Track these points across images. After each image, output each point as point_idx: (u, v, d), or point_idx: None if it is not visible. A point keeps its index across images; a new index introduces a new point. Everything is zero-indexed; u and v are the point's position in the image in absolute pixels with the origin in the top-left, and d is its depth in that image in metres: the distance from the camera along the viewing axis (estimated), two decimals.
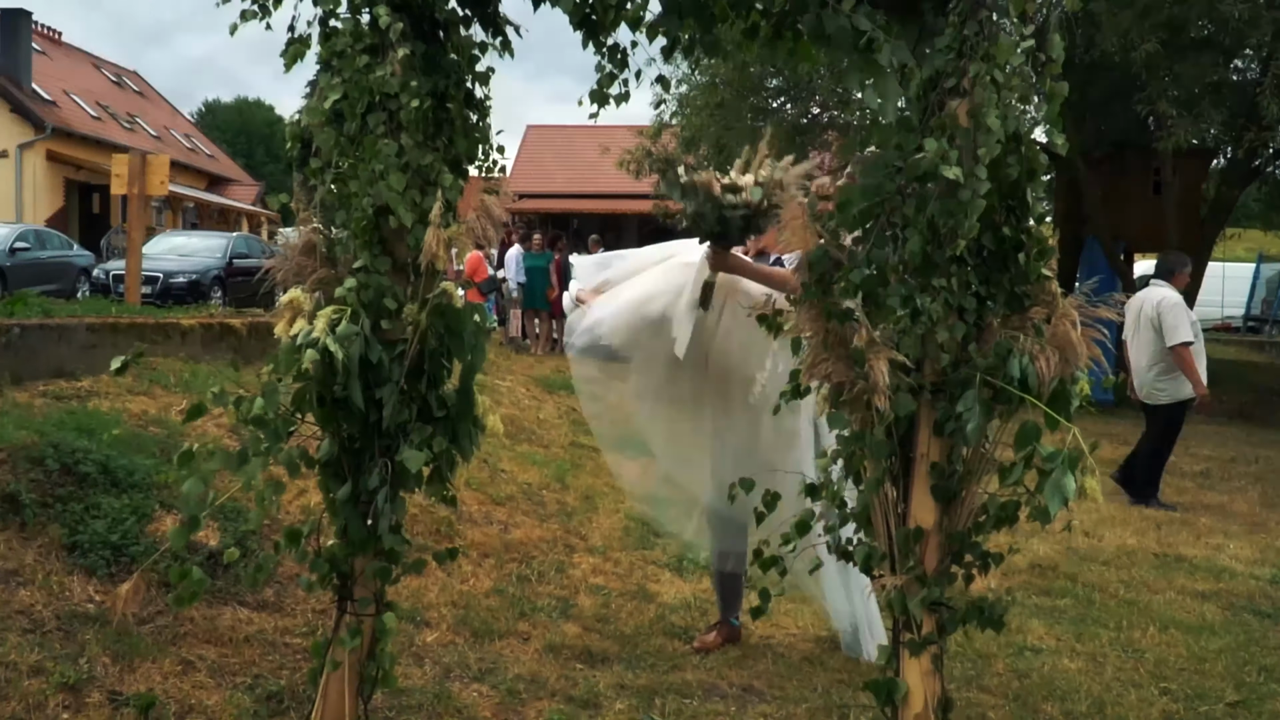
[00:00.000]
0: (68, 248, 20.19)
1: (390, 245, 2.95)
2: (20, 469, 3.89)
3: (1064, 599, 5.52)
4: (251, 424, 2.82)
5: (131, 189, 12.21)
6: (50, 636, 3.31)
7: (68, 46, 35.49)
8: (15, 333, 5.22)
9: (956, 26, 2.71)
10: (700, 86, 17.56)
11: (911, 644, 2.80)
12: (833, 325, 2.77)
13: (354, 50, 2.92)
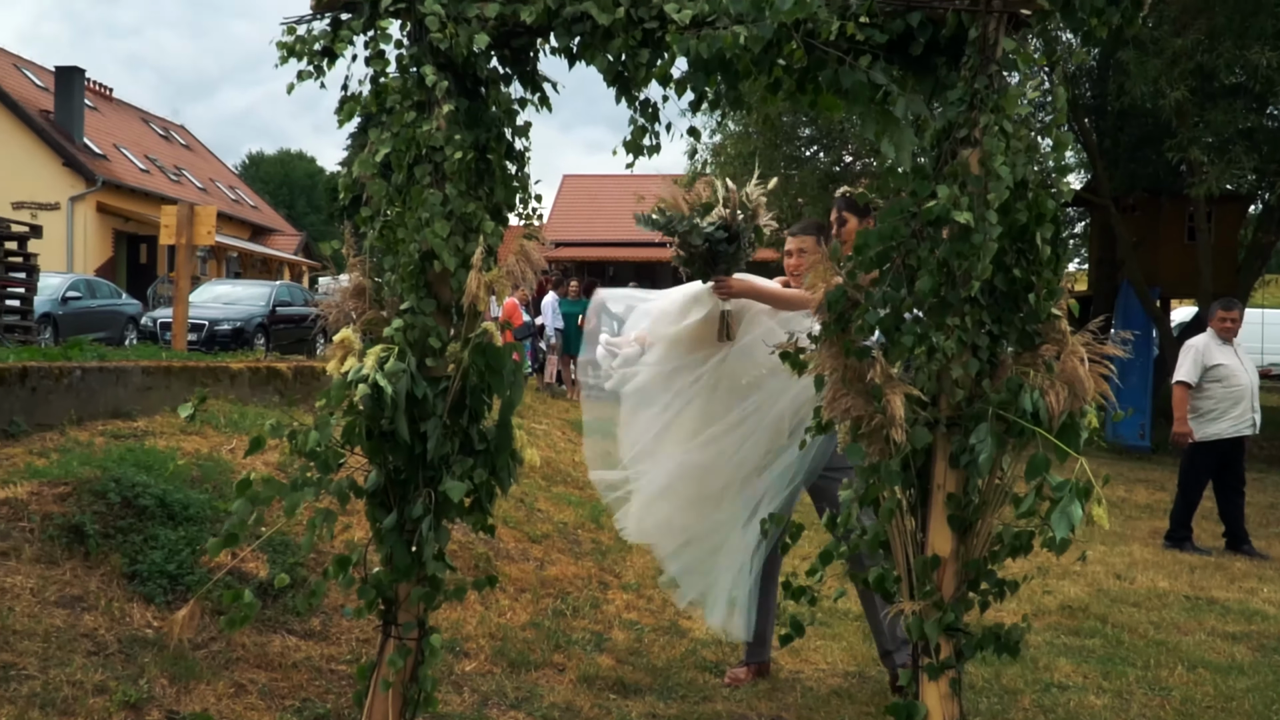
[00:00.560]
0: (116, 296, 20.73)
1: (435, 288, 3.15)
2: (84, 502, 4.11)
3: (1093, 639, 5.57)
4: (305, 455, 3.00)
5: (179, 239, 12.60)
6: (112, 658, 3.49)
7: (118, 102, 36.53)
8: (76, 375, 5.47)
9: (968, 81, 2.89)
10: (733, 136, 17.86)
11: (930, 668, 2.92)
12: (851, 362, 2.93)
13: (402, 106, 3.14)
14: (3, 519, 3.91)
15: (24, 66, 31.88)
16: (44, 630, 3.47)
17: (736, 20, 2.92)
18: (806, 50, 2.92)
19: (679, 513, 4.15)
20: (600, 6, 2.98)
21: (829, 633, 5.43)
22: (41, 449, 4.80)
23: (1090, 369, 2.80)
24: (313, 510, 3.13)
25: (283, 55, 3.26)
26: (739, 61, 2.95)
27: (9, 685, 3.17)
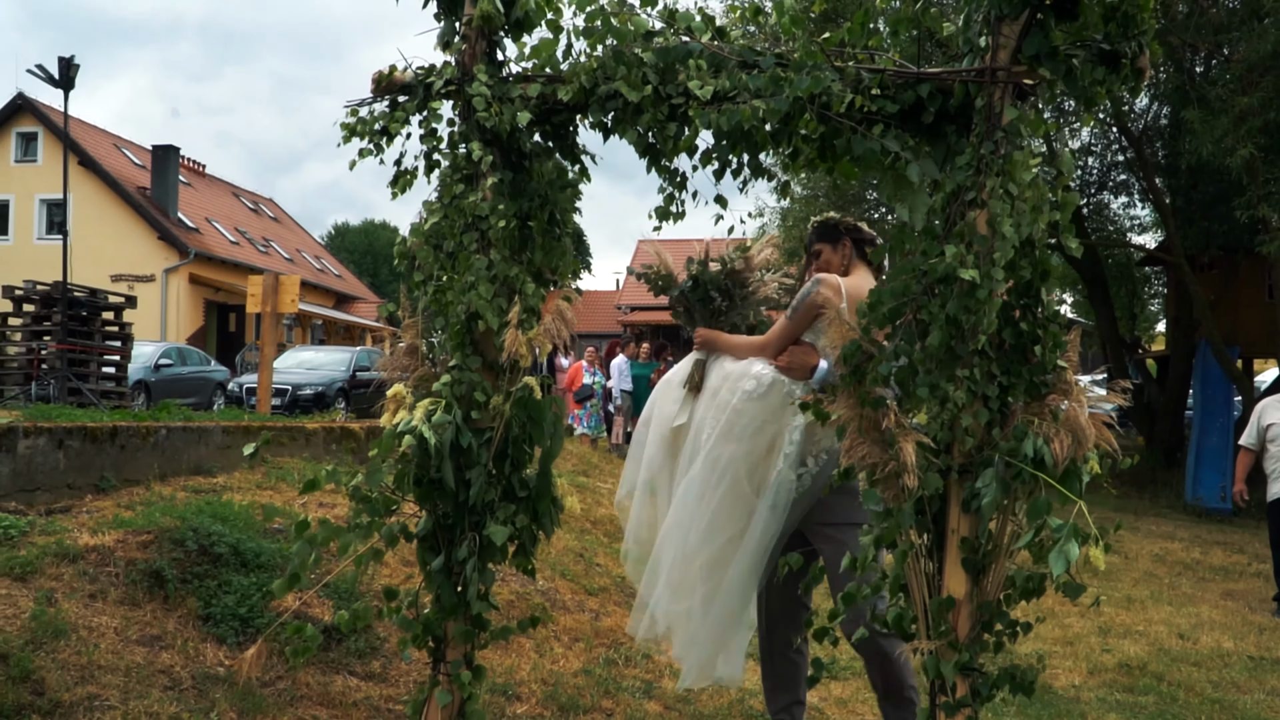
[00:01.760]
0: (206, 364, 21.56)
1: (480, 346, 3.40)
2: (165, 549, 4.41)
3: (1147, 695, 5.55)
4: (357, 500, 3.25)
5: (265, 307, 13.19)
6: (186, 693, 3.76)
7: (210, 177, 38.15)
8: (162, 434, 5.84)
9: (975, 146, 3.08)
10: (801, 199, 18.12)
11: (946, 706, 3.04)
12: (866, 411, 3.09)
13: (452, 179, 3.42)
14: (92, 564, 4.22)
15: (123, 146, 33.54)
16: (125, 665, 3.75)
17: (756, 95, 3.15)
18: (821, 121, 3.15)
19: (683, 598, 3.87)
20: (630, 85, 3.23)
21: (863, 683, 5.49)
22: (129, 502, 5.15)
23: (1092, 417, 2.93)
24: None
25: (345, 135, 3.58)
26: (757, 133, 3.18)
27: (94, 714, 3.44)
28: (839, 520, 3.74)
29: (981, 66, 3.09)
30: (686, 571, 3.73)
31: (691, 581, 3.73)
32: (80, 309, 12.72)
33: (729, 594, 3.73)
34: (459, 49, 3.49)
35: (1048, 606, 7.56)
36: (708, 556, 3.70)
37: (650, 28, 3.30)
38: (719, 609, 3.74)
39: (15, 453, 4.88)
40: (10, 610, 3.75)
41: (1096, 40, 3.07)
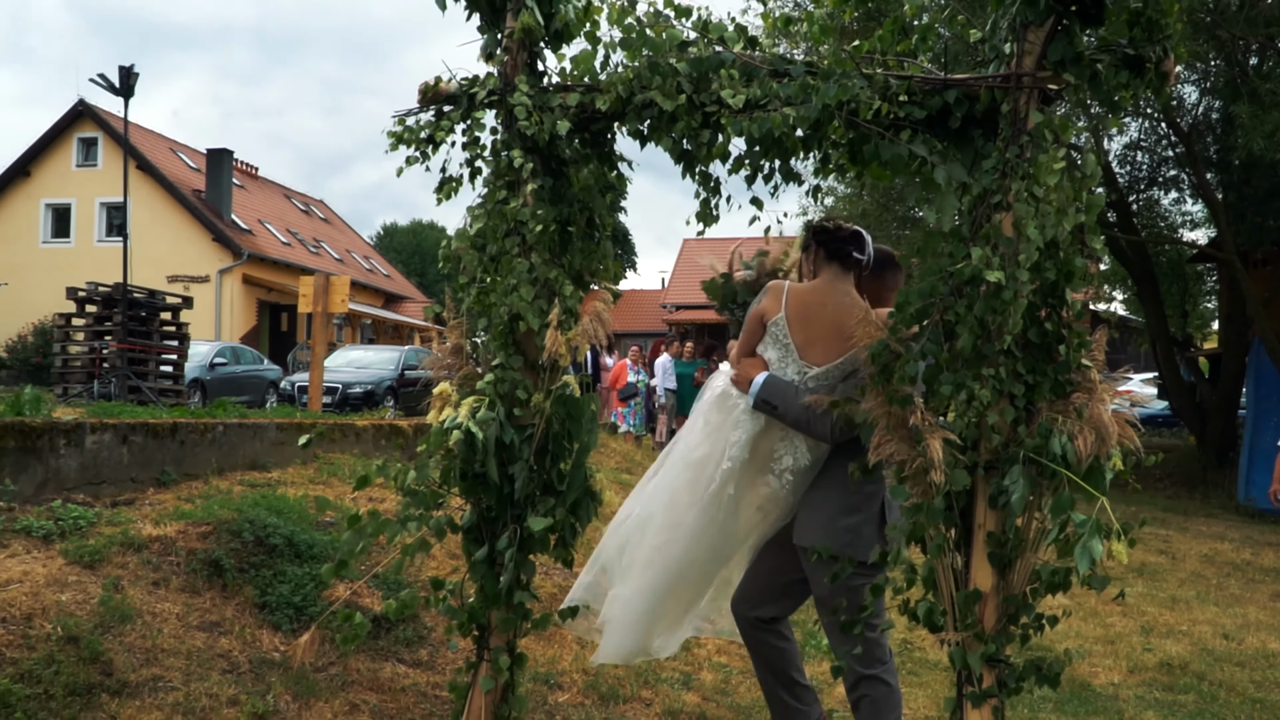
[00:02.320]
0: (259, 363, 22.00)
1: (522, 346, 3.54)
2: (223, 540, 4.61)
3: (1187, 694, 5.57)
4: (405, 493, 3.41)
5: (315, 307, 13.46)
6: (244, 677, 3.94)
7: (263, 180, 38.80)
8: (219, 430, 6.06)
9: (1001, 150, 3.16)
10: (844, 198, 18.12)
11: (973, 696, 3.13)
12: (894, 409, 3.19)
13: (494, 185, 3.57)
14: (155, 554, 4.42)
15: (178, 149, 34.22)
16: (187, 650, 3.94)
17: (786, 103, 3.26)
18: (850, 127, 3.25)
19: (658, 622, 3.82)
20: (665, 94, 3.36)
21: (915, 680, 5.58)
22: (188, 495, 5.36)
23: (1115, 415, 3.00)
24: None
25: (392, 143, 3.73)
26: (788, 140, 3.29)
27: (157, 695, 3.63)
28: (817, 544, 3.52)
29: (1007, 72, 3.18)
30: (634, 556, 3.70)
31: (632, 566, 3.71)
32: (140, 310, 13.08)
33: (653, 587, 3.66)
34: (501, 60, 3.63)
35: (1090, 606, 7.58)
36: (653, 544, 3.65)
37: (684, 38, 3.42)
38: (643, 598, 3.67)
39: (83, 447, 5.10)
40: (80, 596, 3.95)
41: (1121, 45, 3.14)
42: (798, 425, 3.52)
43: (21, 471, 4.79)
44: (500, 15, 3.64)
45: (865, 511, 3.54)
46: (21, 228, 30.89)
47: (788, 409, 3.50)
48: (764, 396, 3.52)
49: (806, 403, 3.47)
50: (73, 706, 3.43)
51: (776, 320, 3.60)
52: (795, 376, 3.58)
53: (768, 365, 3.62)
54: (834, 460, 3.59)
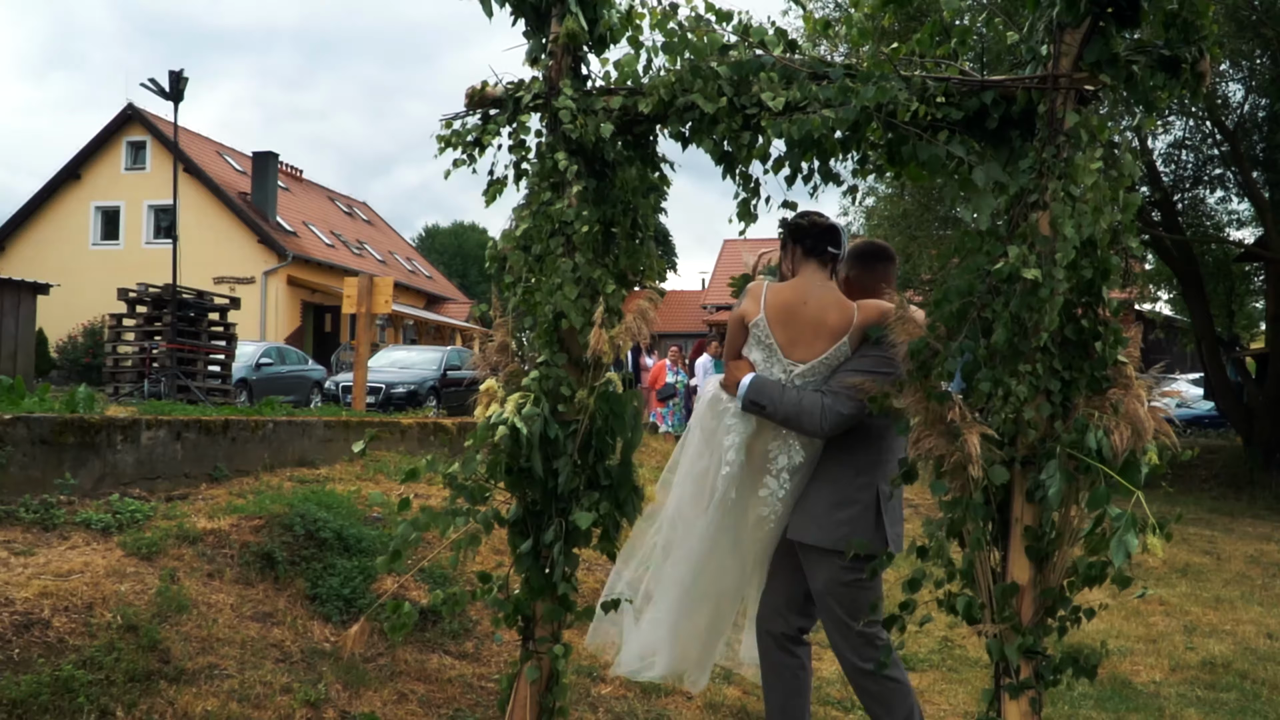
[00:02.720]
0: (303, 363, 22.30)
1: (566, 344, 3.62)
2: (275, 533, 4.74)
3: (1228, 692, 5.56)
4: (453, 487, 3.50)
5: (359, 308, 13.64)
6: (296, 665, 4.06)
7: (307, 182, 39.27)
8: (269, 428, 6.21)
9: (1038, 150, 3.21)
10: (885, 198, 18.07)
11: (1010, 687, 3.17)
12: (932, 405, 3.24)
13: (540, 187, 3.65)
14: (209, 546, 4.56)
15: (225, 153, 34.73)
16: (241, 639, 4.07)
17: (825, 105, 3.32)
18: (888, 129, 3.30)
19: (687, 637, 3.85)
20: (706, 97, 3.43)
21: (955, 677, 5.61)
22: (240, 490, 5.50)
23: (1150, 410, 3.03)
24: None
25: (441, 146, 3.82)
26: (827, 141, 3.35)
27: (213, 682, 3.75)
28: (811, 541, 3.58)
29: (1044, 73, 3.22)
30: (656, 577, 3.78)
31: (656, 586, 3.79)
32: (188, 310, 13.34)
33: (663, 594, 3.74)
34: (546, 65, 3.71)
35: (1132, 605, 7.55)
36: (670, 562, 3.74)
37: (725, 43, 3.49)
38: (655, 607, 3.76)
39: (139, 443, 5.25)
40: (139, 586, 4.09)
41: (1157, 46, 3.17)
42: (787, 423, 3.53)
43: (81, 466, 4.95)
44: (545, 21, 3.73)
45: (859, 504, 3.55)
46: (72, 230, 31.49)
47: (776, 407, 3.51)
48: (751, 397, 3.54)
49: (852, 384, 3.47)
50: (132, 692, 3.55)
51: (757, 321, 3.62)
52: (781, 375, 3.59)
53: (754, 367, 3.63)
54: (826, 455, 3.63)
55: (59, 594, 3.82)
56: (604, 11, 3.71)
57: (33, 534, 4.37)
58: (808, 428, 3.51)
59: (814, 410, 3.47)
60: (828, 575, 3.56)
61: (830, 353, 3.58)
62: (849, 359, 3.58)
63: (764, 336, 3.62)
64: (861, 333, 3.57)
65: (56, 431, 4.84)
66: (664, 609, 3.76)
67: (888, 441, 3.62)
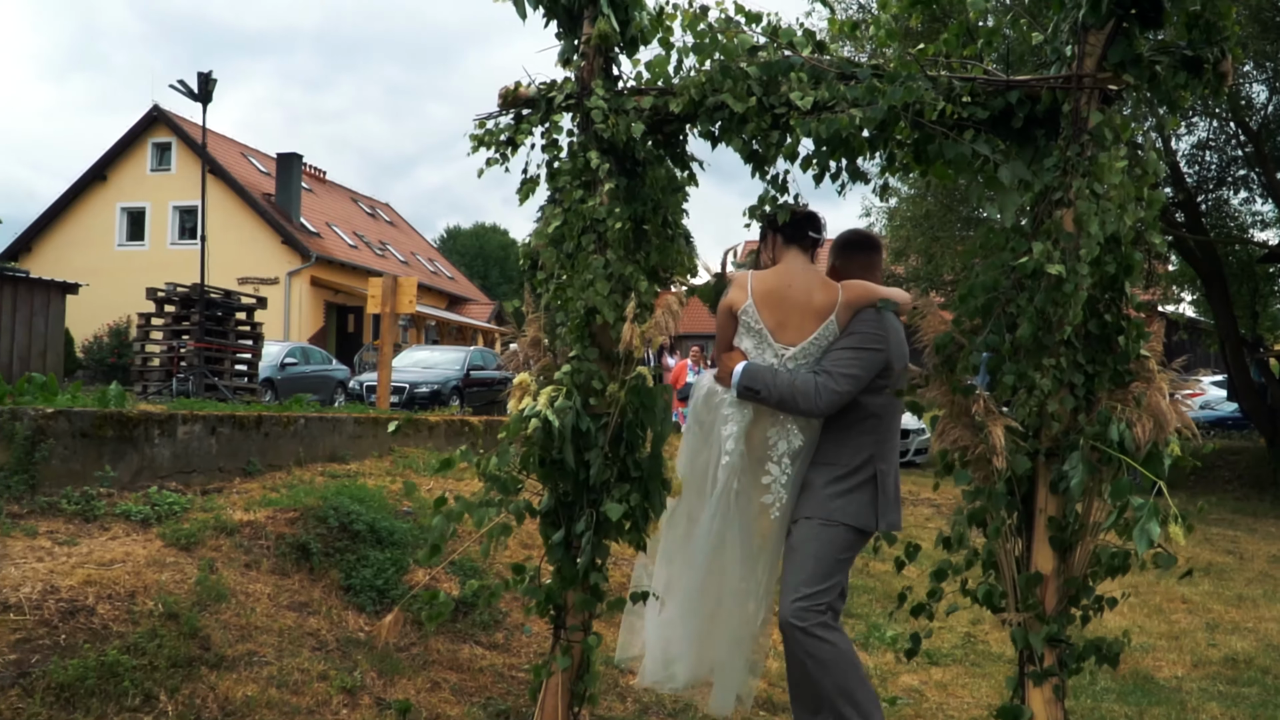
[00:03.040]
0: (327, 362, 22.49)
1: (598, 339, 3.70)
2: (310, 525, 4.84)
3: (1250, 687, 5.59)
4: (487, 479, 3.59)
5: (384, 308, 13.77)
6: (332, 654, 4.15)
7: (330, 183, 39.52)
8: (300, 423, 6.31)
9: (1062, 149, 3.27)
10: (907, 199, 18.08)
11: (1034, 675, 3.23)
12: (957, 398, 3.30)
13: (572, 185, 3.73)
14: (246, 538, 4.66)
15: (249, 154, 35.00)
16: (279, 628, 4.16)
17: (853, 105, 3.39)
18: (915, 128, 3.37)
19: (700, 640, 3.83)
20: (736, 97, 3.50)
21: (979, 671, 5.66)
22: (272, 484, 5.61)
23: (1172, 403, 3.09)
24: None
25: (474, 145, 3.91)
26: (855, 140, 3.42)
27: (253, 668, 3.85)
28: (806, 515, 3.60)
29: (1068, 74, 3.28)
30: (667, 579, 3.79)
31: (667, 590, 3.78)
32: (216, 310, 13.50)
33: (672, 595, 3.74)
34: (578, 66, 3.79)
35: (1155, 603, 7.59)
36: (678, 564, 3.76)
37: (754, 43, 3.56)
38: (670, 607, 3.75)
39: (175, 437, 5.37)
40: (178, 576, 4.19)
41: (1180, 47, 3.23)
42: (783, 405, 3.53)
43: (119, 459, 5.06)
44: (577, 23, 3.81)
45: (856, 483, 3.56)
46: (98, 231, 31.82)
47: (770, 391, 3.51)
48: (745, 383, 3.55)
49: (845, 358, 3.49)
50: (175, 677, 3.65)
51: (745, 308, 3.64)
52: (774, 360, 3.61)
53: (746, 355, 3.65)
54: (824, 438, 3.64)
55: (102, 582, 3.92)
56: (635, 13, 3.78)
57: (74, 525, 4.48)
58: (803, 407, 3.51)
59: (808, 390, 3.48)
60: (808, 535, 3.54)
61: (819, 332, 3.60)
62: (838, 337, 3.60)
63: (753, 322, 3.63)
64: (849, 310, 3.59)
65: (96, 425, 4.96)
66: (675, 609, 3.76)
67: (886, 422, 3.65)
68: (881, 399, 3.59)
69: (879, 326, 3.54)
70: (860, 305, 3.59)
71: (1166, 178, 15.03)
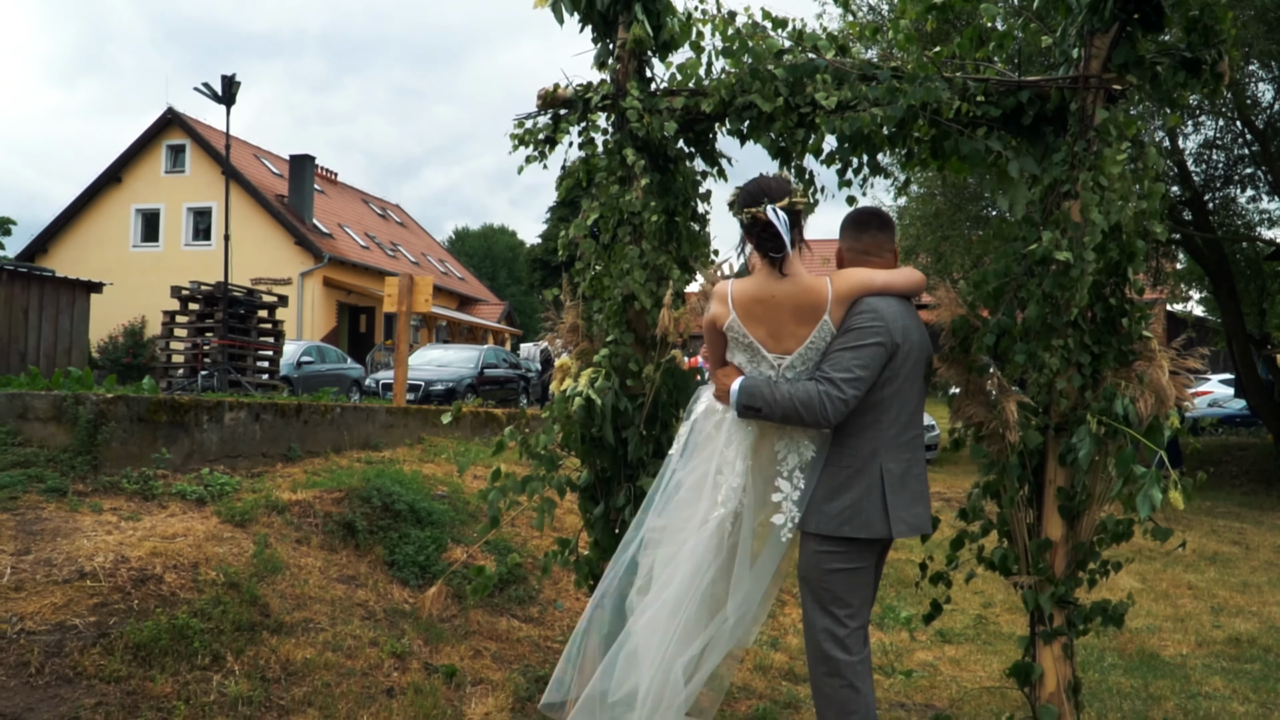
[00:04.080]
0: (342, 361, 22.75)
1: (634, 324, 3.95)
2: (355, 505, 5.10)
3: (1252, 663, 5.81)
4: (533, 456, 3.84)
5: (400, 306, 14.01)
6: (380, 623, 4.40)
7: (342, 185, 39.81)
8: (337, 412, 6.57)
9: (1069, 145, 3.51)
10: (917, 198, 18.27)
11: (1044, 634, 3.47)
12: (973, 377, 3.54)
13: (608, 181, 3.97)
14: (296, 515, 4.92)
15: (262, 156, 35.30)
16: (330, 598, 4.42)
17: (874, 104, 3.63)
18: (932, 125, 3.61)
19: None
20: (764, 97, 3.74)
21: (990, 649, 5.89)
22: (313, 469, 5.87)
23: (1172, 379, 3.33)
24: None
25: (514, 144, 4.15)
26: (876, 137, 3.66)
27: (309, 634, 4.10)
28: (806, 529, 3.26)
29: (1075, 74, 3.53)
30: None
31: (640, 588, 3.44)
32: (239, 308, 13.76)
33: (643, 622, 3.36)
34: (613, 69, 4.04)
35: (1161, 589, 7.81)
36: (661, 558, 3.39)
37: (781, 47, 3.81)
38: (644, 635, 3.35)
39: (222, 423, 5.62)
40: (235, 550, 4.44)
41: (1180, 49, 3.47)
42: (788, 419, 3.19)
43: (172, 443, 5.32)
44: (612, 28, 4.05)
45: (861, 486, 3.19)
46: (113, 232, 32.14)
47: (772, 407, 3.18)
48: (744, 402, 3.23)
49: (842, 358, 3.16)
50: (239, 641, 3.90)
51: (730, 324, 3.30)
52: (770, 372, 3.28)
53: (741, 370, 3.33)
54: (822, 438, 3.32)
55: (167, 554, 4.18)
56: (667, 19, 4.03)
57: (135, 502, 4.74)
58: (809, 421, 3.16)
59: (811, 402, 3.13)
60: (808, 554, 3.25)
61: (814, 335, 3.23)
62: (835, 336, 3.22)
63: (741, 337, 3.30)
64: (842, 305, 3.21)
65: (151, 410, 5.22)
66: (643, 640, 3.34)
67: (891, 414, 3.23)
68: (884, 391, 3.20)
69: (874, 316, 3.17)
70: (854, 297, 3.22)
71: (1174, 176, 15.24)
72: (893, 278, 3.27)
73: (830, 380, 3.14)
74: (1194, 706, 4.83)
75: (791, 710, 4.42)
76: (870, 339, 3.15)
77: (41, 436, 4.88)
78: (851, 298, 3.22)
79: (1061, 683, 3.46)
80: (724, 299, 3.31)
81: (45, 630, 3.56)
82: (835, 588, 3.19)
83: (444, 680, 4.11)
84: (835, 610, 3.19)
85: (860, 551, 3.21)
